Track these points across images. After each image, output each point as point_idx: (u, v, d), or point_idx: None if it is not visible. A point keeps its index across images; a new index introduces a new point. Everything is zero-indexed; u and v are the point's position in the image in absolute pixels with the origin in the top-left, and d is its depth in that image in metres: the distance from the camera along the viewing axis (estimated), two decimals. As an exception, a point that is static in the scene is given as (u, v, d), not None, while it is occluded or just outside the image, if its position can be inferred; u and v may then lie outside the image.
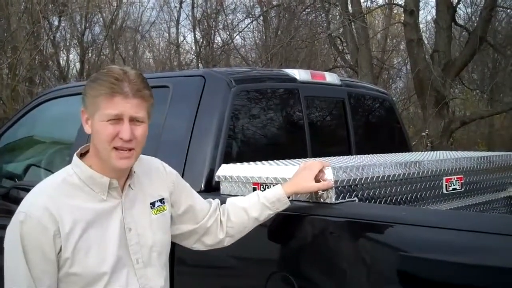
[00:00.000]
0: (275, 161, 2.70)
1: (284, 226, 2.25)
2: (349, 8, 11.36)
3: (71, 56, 17.57)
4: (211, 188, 2.64)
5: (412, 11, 9.92)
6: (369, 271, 2.05)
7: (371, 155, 3.13)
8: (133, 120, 1.73)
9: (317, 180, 2.18)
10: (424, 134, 9.48)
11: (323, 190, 2.20)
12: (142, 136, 1.77)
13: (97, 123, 1.73)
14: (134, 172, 1.87)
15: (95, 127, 1.75)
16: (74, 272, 1.70)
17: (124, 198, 1.83)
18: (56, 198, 1.72)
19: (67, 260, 1.69)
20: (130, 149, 1.74)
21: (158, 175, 1.99)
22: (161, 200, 1.94)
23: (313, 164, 2.22)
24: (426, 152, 3.59)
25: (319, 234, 2.23)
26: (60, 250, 1.68)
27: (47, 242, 1.67)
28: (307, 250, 2.25)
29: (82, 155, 1.84)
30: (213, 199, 2.20)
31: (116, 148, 1.73)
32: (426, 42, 13.85)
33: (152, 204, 1.91)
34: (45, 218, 1.67)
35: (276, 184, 2.36)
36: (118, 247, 1.77)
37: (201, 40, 15.99)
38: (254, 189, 2.45)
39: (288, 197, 2.16)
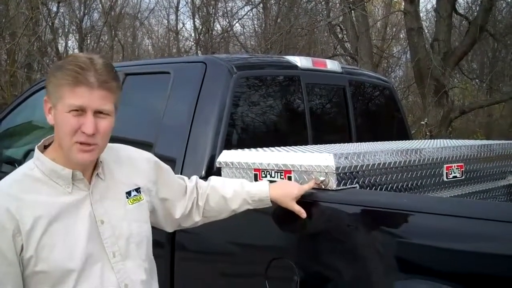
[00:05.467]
0: (276, 147, 2.70)
1: (285, 212, 2.25)
2: (350, -4, 11.31)
3: (69, 43, 17.56)
4: (212, 174, 2.64)
5: (412, -1, 9.89)
6: (370, 257, 2.06)
7: (371, 142, 3.13)
8: (97, 113, 1.63)
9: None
10: (423, 122, 9.48)
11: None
12: (106, 130, 1.67)
13: (60, 114, 1.63)
14: (101, 161, 1.76)
15: (57, 118, 1.64)
16: (40, 270, 1.61)
17: (92, 189, 1.73)
18: (15, 195, 1.63)
19: (31, 258, 1.60)
20: (93, 144, 1.64)
21: (131, 163, 1.88)
22: (137, 190, 1.84)
23: (304, 187, 2.19)
24: (426, 140, 3.60)
25: (319, 220, 2.24)
26: (22, 249, 1.59)
27: (6, 243, 1.58)
28: (308, 236, 2.26)
29: (46, 147, 1.74)
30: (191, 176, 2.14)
31: (78, 143, 1.63)
32: (426, 31, 13.82)
33: (128, 193, 1.81)
34: (3, 217, 1.58)
35: (278, 170, 2.37)
36: (87, 242, 1.67)
37: (200, 27, 15.92)
38: (256, 176, 2.46)
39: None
